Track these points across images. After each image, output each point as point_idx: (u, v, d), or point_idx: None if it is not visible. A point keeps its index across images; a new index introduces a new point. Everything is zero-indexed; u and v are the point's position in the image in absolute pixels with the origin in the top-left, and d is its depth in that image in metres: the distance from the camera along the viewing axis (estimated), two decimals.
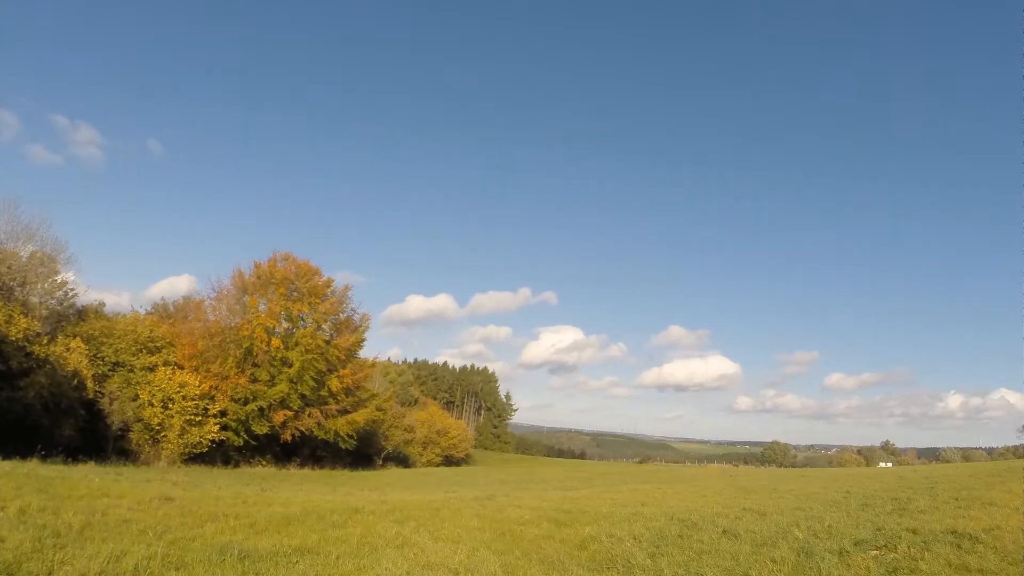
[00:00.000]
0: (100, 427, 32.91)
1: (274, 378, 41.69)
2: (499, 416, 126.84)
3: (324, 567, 7.04)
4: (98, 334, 34.97)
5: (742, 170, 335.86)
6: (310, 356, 42.53)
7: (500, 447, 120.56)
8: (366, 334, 49.94)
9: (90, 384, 32.22)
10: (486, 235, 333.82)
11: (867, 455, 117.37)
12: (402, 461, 62.84)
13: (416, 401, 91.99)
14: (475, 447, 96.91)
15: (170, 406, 35.12)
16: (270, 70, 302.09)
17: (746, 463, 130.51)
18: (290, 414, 41.91)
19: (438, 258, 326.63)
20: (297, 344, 42.59)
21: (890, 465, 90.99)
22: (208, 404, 37.47)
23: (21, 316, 29.86)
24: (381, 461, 58.09)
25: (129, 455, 33.15)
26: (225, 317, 43.29)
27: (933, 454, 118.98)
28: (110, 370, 34.64)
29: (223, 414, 38.83)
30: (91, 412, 32.47)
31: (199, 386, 37.03)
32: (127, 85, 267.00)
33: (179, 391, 35.63)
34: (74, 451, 28.16)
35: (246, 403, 40.40)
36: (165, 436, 34.89)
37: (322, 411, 43.86)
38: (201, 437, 36.18)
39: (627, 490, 21.94)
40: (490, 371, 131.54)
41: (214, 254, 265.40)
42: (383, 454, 59.65)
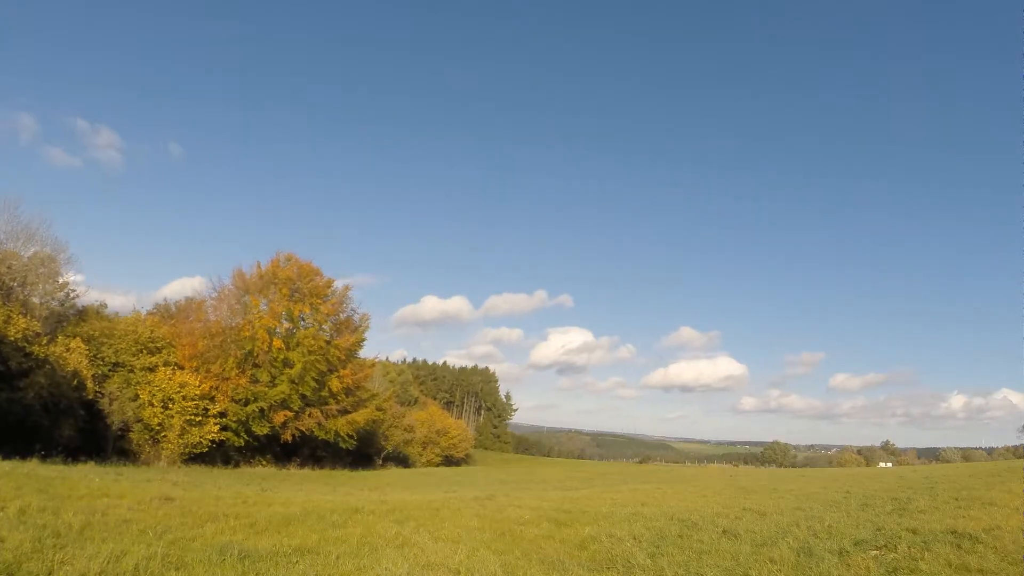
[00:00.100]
0: (100, 427, 32.92)
1: (275, 379, 41.69)
2: (499, 416, 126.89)
3: (324, 567, 7.03)
4: (98, 334, 34.98)
5: (748, 171, 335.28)
6: (312, 357, 42.55)
7: (500, 447, 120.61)
8: (366, 334, 50.08)
9: (90, 384, 32.23)
10: (503, 237, 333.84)
11: (867, 455, 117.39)
12: (402, 461, 62.85)
13: (416, 401, 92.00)
14: (475, 447, 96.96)
15: (170, 406, 35.13)
16: (272, 70, 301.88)
17: (746, 463, 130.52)
18: (290, 414, 41.92)
19: (454, 260, 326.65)
20: (299, 344, 42.59)
21: (890, 465, 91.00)
22: (208, 404, 37.48)
23: (20, 316, 29.87)
24: (381, 461, 58.10)
25: (129, 455, 33.16)
26: (226, 317, 43.28)
27: (933, 454, 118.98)
28: (110, 370, 34.65)
29: (223, 415, 38.84)
30: (91, 412, 32.47)
31: (199, 386, 37.06)
32: (128, 85, 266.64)
33: (179, 391, 35.66)
34: (74, 451, 28.17)
35: (247, 404, 40.40)
36: (165, 436, 34.91)
37: (322, 411, 43.88)
38: (201, 437, 36.20)
39: (627, 490, 21.94)
40: (490, 371, 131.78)
41: (222, 255, 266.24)
42: (383, 454, 59.66)
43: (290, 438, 42.36)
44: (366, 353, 54.48)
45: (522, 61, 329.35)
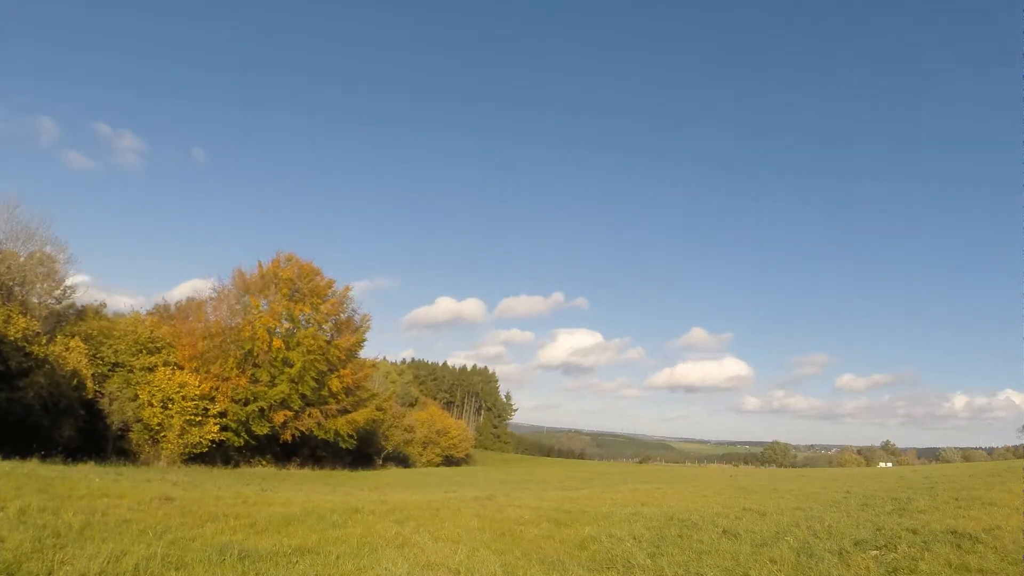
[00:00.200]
0: (100, 427, 32.91)
1: (275, 379, 41.69)
2: (499, 416, 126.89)
3: (324, 567, 7.03)
4: (98, 334, 34.96)
5: (751, 172, 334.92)
6: (311, 357, 42.55)
7: (500, 447, 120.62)
8: (367, 334, 50.12)
9: (90, 384, 32.21)
10: (520, 240, 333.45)
11: (867, 455, 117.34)
12: (402, 461, 62.86)
13: (416, 401, 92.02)
14: (475, 447, 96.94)
15: (170, 406, 35.13)
16: (273, 70, 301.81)
17: (746, 463, 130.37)
18: (290, 414, 41.93)
19: (469, 263, 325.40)
20: (299, 344, 42.59)
21: (890, 465, 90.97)
22: (208, 405, 37.48)
23: (20, 316, 29.85)
24: (381, 461, 58.10)
25: (129, 455, 33.16)
26: (226, 317, 43.26)
27: (933, 454, 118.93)
28: (110, 370, 34.64)
29: (223, 415, 38.84)
30: (91, 412, 32.47)
31: (199, 387, 37.06)
32: (128, 85, 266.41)
33: (179, 391, 35.66)
34: (74, 451, 28.17)
35: (246, 404, 40.41)
36: (165, 436, 34.90)
37: (322, 411, 43.89)
38: (201, 437, 36.20)
39: (627, 490, 21.94)
40: (490, 371, 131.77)
41: (228, 256, 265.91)
42: (383, 454, 59.66)
43: (290, 438, 42.36)
44: (368, 353, 54.62)
45: (522, 61, 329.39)
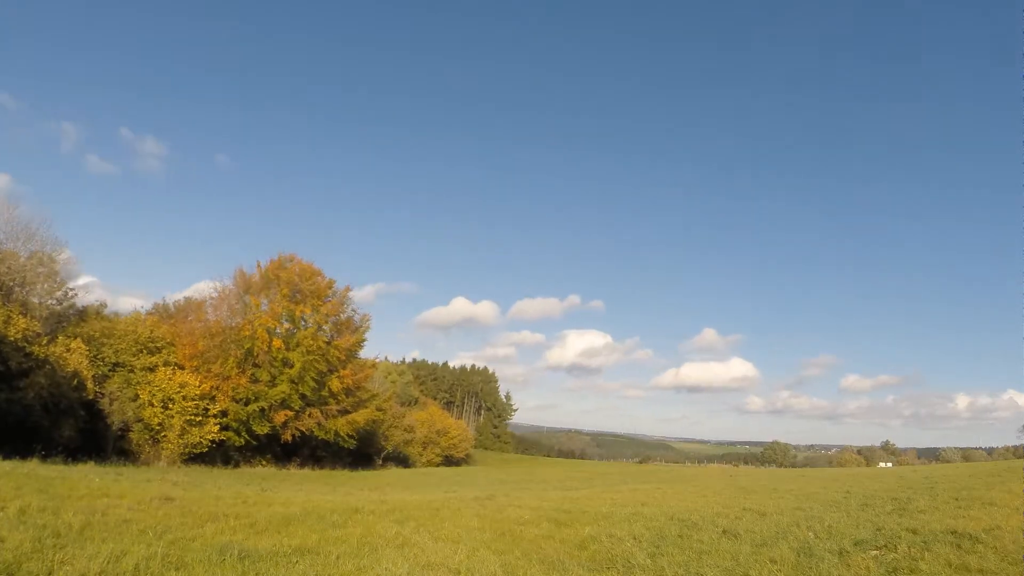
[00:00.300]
0: (100, 427, 32.90)
1: (275, 379, 41.72)
2: (499, 416, 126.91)
3: (324, 567, 7.04)
4: (98, 334, 34.95)
5: (754, 173, 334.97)
6: (311, 357, 42.57)
7: (500, 447, 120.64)
8: (366, 334, 50.12)
9: (90, 384, 32.20)
10: (536, 241, 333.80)
11: (867, 455, 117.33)
12: (402, 461, 62.86)
13: (416, 401, 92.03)
14: (475, 447, 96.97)
15: (170, 406, 35.12)
16: (272, 70, 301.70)
17: (746, 463, 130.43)
18: (291, 414, 41.95)
19: (487, 265, 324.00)
20: (298, 345, 42.62)
21: (890, 465, 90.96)
22: (208, 404, 37.47)
23: (20, 316, 29.84)
24: (381, 461, 58.10)
25: (129, 455, 33.15)
26: (226, 317, 43.30)
27: (933, 454, 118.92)
28: (110, 370, 34.63)
29: (224, 414, 38.85)
30: (91, 412, 32.46)
31: (199, 386, 37.04)
32: (127, 85, 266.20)
33: (179, 391, 35.65)
34: (74, 451, 28.13)
35: (247, 403, 40.44)
36: (165, 436, 34.90)
37: (322, 411, 43.90)
38: (201, 437, 36.19)
39: (627, 490, 21.94)
40: (490, 371, 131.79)
41: (232, 257, 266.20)
42: (383, 454, 59.66)
43: (290, 438, 42.37)
44: (372, 353, 54.61)
45: (522, 61, 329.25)
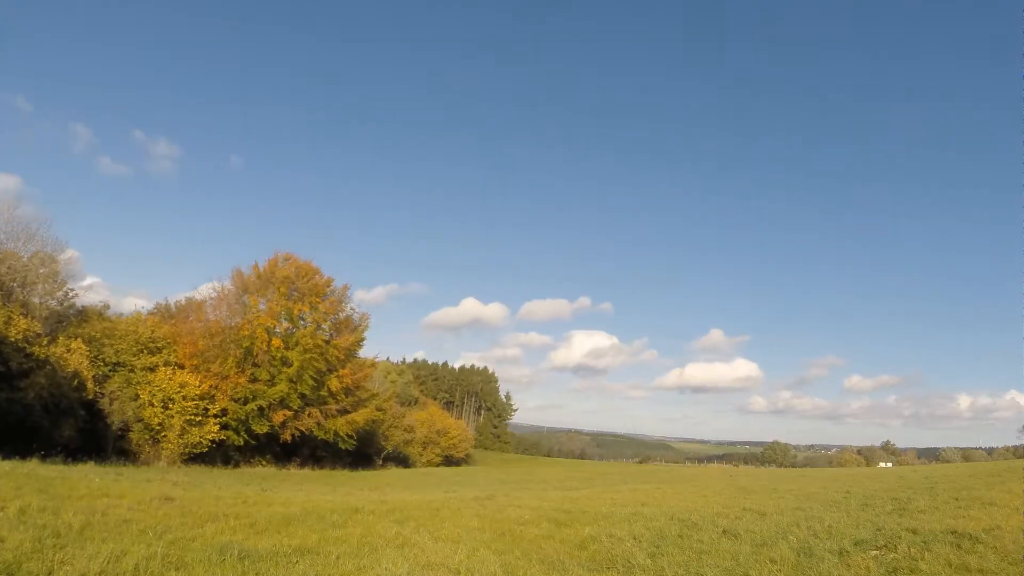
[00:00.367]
0: (100, 427, 32.90)
1: (274, 378, 41.73)
2: (499, 416, 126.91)
3: (324, 567, 7.04)
4: (99, 335, 34.94)
5: (756, 173, 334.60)
6: (310, 356, 42.56)
7: (500, 447, 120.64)
8: (366, 333, 50.10)
9: (90, 384, 32.19)
10: (550, 244, 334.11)
11: (867, 455, 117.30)
12: (402, 461, 62.86)
13: (416, 401, 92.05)
14: (475, 447, 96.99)
15: (170, 406, 35.11)
16: (289, 71, 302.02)
17: (746, 463, 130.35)
18: (290, 414, 41.94)
19: (498, 266, 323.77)
20: (297, 344, 42.62)
21: (890, 465, 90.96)
22: (208, 404, 37.46)
23: (21, 317, 29.84)
24: (381, 461, 58.11)
25: (129, 455, 33.14)
26: (225, 317, 43.33)
27: (933, 454, 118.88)
28: (111, 370, 34.62)
29: (223, 414, 38.84)
30: (91, 412, 32.45)
31: (199, 386, 37.04)
32: (128, 85, 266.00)
33: (179, 391, 35.63)
34: (74, 451, 28.14)
35: (246, 403, 40.44)
36: (165, 436, 34.89)
37: (322, 411, 43.89)
38: (201, 437, 36.18)
39: (627, 490, 21.94)
40: (490, 371, 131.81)
41: (239, 260, 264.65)
42: (383, 454, 59.67)
43: (289, 438, 42.37)
44: (372, 353, 54.56)
45: (522, 61, 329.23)
